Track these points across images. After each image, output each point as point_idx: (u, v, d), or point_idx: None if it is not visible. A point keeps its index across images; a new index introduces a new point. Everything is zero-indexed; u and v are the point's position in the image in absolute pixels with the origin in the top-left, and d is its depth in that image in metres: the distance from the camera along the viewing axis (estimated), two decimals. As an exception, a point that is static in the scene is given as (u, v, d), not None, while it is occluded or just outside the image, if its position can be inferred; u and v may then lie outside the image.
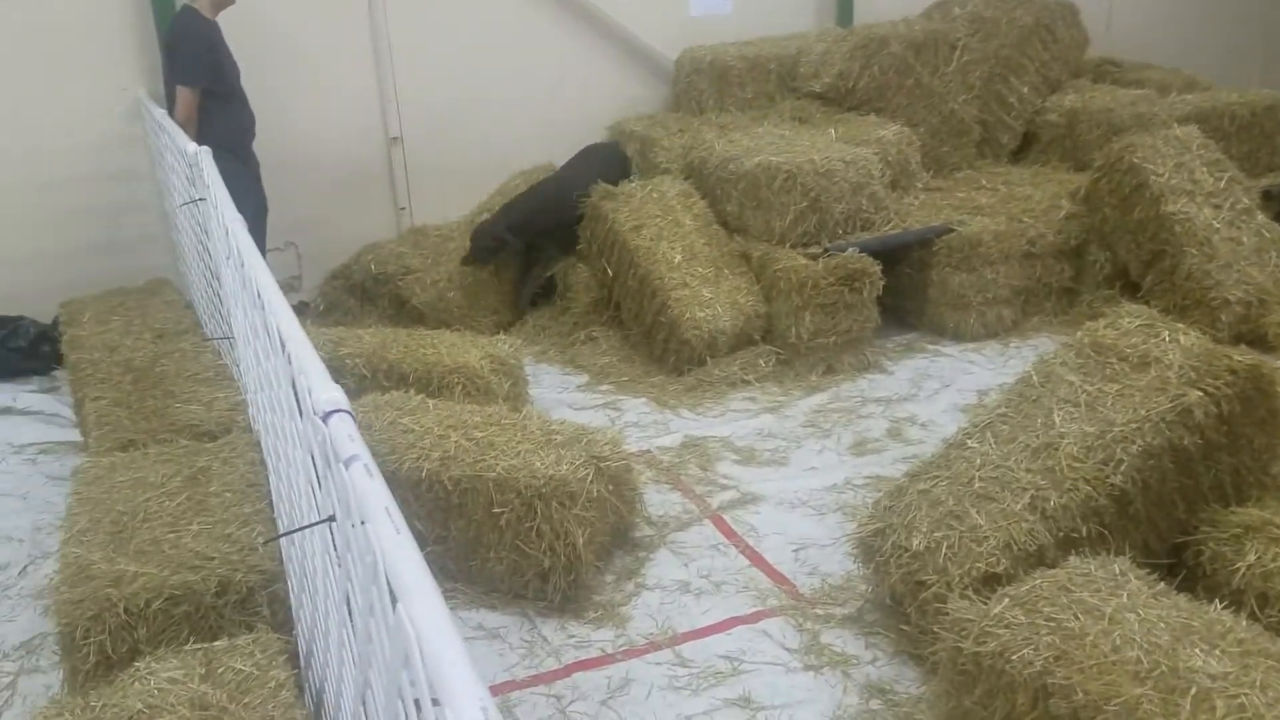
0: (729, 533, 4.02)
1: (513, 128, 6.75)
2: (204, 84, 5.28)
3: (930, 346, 5.73)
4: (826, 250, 5.46)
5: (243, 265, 2.65)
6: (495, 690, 3.20)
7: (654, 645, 3.38)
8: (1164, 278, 5.39)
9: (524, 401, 4.90)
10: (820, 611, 3.50)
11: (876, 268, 5.35)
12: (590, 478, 3.55)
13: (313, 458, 1.89)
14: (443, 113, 6.64)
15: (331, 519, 1.73)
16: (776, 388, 5.30)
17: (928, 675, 3.07)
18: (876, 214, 5.72)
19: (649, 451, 4.68)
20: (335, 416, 1.59)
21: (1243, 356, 3.23)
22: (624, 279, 5.64)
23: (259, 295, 2.35)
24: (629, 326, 5.76)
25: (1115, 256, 5.72)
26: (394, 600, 1.21)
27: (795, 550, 3.88)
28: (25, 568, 3.90)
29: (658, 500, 4.24)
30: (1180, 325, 3.38)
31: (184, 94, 5.24)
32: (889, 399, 5.13)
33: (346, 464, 1.46)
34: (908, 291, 5.86)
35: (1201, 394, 3.09)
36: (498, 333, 5.75)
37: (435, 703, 1.01)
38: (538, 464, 3.53)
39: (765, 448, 4.69)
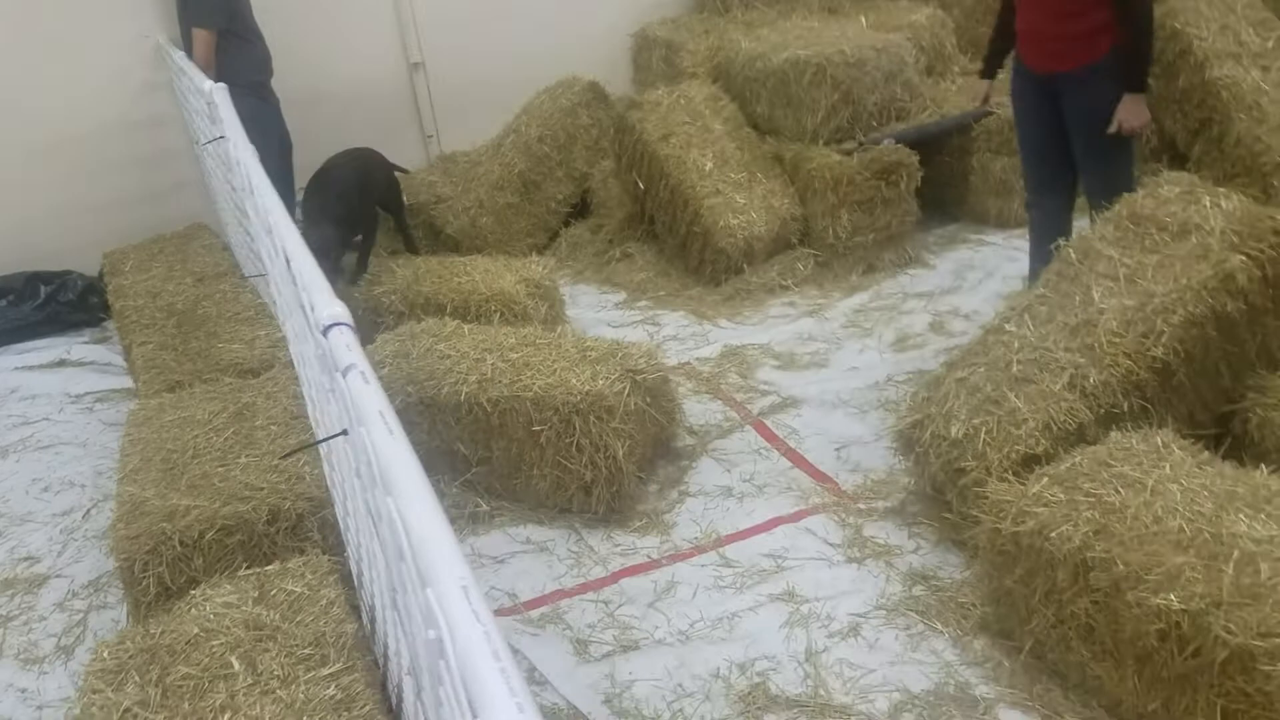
0: (770, 437, 4.01)
1: (535, 43, 6.62)
2: (220, 24, 5.25)
3: (973, 236, 5.60)
4: (861, 144, 5.32)
5: (252, 193, 2.65)
6: (544, 599, 3.26)
7: (698, 549, 3.41)
8: (1212, 146, 5.19)
9: (562, 323, 4.90)
10: (863, 506, 3.49)
11: (914, 159, 5.21)
12: (626, 391, 3.55)
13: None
14: (463, 33, 6.52)
15: (344, 433, 1.75)
16: (816, 290, 5.23)
17: (970, 560, 3.06)
18: (912, 102, 5.55)
19: (688, 363, 4.66)
20: (334, 329, 1.59)
21: (1287, 217, 3.11)
22: (655, 191, 5.56)
23: (268, 220, 2.36)
24: (664, 240, 5.69)
25: (1161, 128, 5.49)
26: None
27: (837, 449, 3.86)
28: (89, 511, 4.03)
29: (698, 410, 4.24)
30: (1221, 190, 3.24)
31: (200, 36, 5.20)
32: (931, 293, 5.04)
33: (344, 373, 1.47)
34: (948, 181, 5.70)
35: (1244, 258, 2.99)
36: (532, 255, 5.74)
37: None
38: (574, 380, 3.54)
39: (805, 351, 4.65)
